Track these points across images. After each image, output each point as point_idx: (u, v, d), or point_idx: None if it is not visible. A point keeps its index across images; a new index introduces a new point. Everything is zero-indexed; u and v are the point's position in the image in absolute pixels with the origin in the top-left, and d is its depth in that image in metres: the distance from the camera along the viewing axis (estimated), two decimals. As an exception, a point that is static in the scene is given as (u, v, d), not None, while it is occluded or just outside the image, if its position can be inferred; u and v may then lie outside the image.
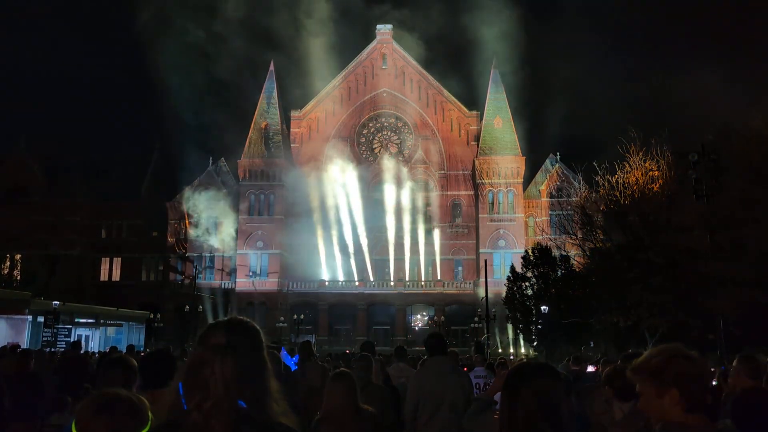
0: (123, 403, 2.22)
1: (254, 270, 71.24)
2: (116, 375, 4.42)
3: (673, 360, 2.53)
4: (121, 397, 2.24)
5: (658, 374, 2.53)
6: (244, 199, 72.47)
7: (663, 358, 2.55)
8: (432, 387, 6.66)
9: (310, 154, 76.79)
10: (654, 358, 2.58)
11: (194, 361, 2.15)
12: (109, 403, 2.21)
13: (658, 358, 2.56)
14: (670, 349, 2.59)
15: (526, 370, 2.68)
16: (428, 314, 70.12)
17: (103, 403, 2.21)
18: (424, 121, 77.46)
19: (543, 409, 2.52)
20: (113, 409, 2.19)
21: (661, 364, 2.53)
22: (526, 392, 2.55)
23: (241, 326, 2.27)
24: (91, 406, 2.20)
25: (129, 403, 2.23)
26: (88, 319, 42.64)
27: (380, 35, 79.67)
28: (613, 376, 4.93)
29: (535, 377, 2.60)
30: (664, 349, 2.61)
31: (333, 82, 78.73)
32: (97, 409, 2.19)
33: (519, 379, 2.63)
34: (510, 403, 2.59)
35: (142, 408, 2.24)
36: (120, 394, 2.25)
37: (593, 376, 10.68)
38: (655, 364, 2.55)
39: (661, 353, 2.58)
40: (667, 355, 2.56)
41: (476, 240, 72.06)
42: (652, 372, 2.54)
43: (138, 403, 2.25)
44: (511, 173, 71.48)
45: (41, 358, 14.38)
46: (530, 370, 2.67)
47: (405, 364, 11.30)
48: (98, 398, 2.23)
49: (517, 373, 2.68)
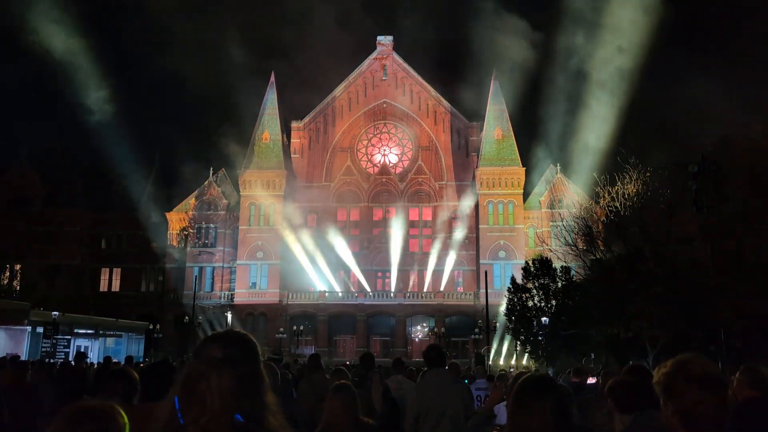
0: (96, 415, 2.21)
1: (254, 281, 71.14)
2: (117, 387, 4.41)
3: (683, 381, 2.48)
4: (95, 408, 2.22)
5: (666, 387, 2.51)
6: (244, 210, 72.45)
7: (676, 375, 2.51)
8: (433, 399, 6.62)
9: (310, 164, 76.93)
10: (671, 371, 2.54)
11: (190, 375, 2.13)
12: (82, 415, 2.21)
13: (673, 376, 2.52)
14: (689, 370, 2.52)
15: (539, 385, 2.65)
16: (428, 325, 69.94)
17: (76, 415, 2.21)
18: (425, 132, 77.62)
19: (558, 425, 2.50)
20: (86, 421, 2.18)
21: (671, 381, 2.51)
22: (541, 408, 2.52)
23: (237, 339, 2.25)
24: (64, 419, 2.19)
25: (102, 415, 2.22)
26: (88, 330, 42.56)
27: (381, 46, 79.97)
28: (614, 388, 4.91)
29: (549, 393, 2.58)
30: (684, 366, 2.54)
31: (333, 93, 78.97)
32: (69, 422, 2.18)
33: (532, 395, 2.60)
34: (522, 418, 2.55)
35: (116, 420, 2.23)
36: (94, 407, 2.23)
37: (594, 388, 10.62)
38: (666, 377, 2.53)
39: (678, 370, 2.53)
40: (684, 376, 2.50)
41: (476, 251, 72.01)
42: (658, 383, 2.53)
43: (111, 414, 2.24)
44: (512, 184, 71.52)
45: (39, 369, 14.31)
46: (544, 386, 2.64)
47: (403, 376, 11.25)
48: (72, 410, 2.23)
49: (529, 388, 2.65)
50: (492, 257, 69.33)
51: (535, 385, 2.65)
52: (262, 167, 72.69)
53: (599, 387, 8.75)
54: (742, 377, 5.26)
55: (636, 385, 4.50)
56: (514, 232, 70.71)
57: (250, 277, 71.16)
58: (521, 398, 2.61)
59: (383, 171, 76.46)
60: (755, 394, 5.05)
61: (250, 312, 69.09)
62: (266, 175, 72.37)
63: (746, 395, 5.12)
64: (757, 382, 5.12)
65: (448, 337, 65.95)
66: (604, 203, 39.64)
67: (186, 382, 2.12)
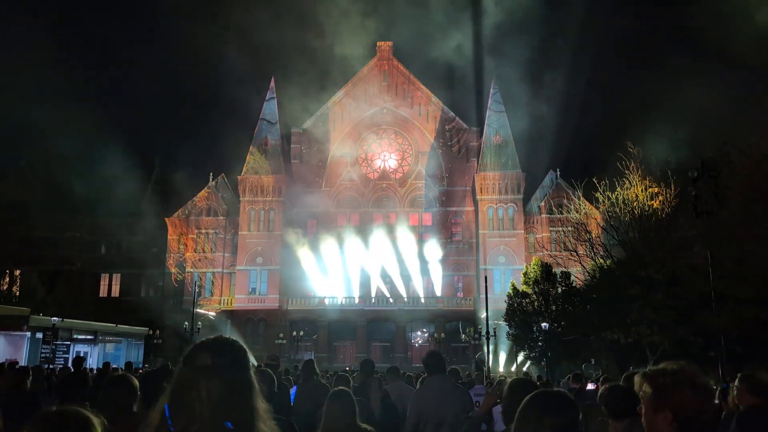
0: (70, 421, 2.23)
1: (254, 286, 71.09)
2: (117, 394, 4.41)
3: (678, 387, 2.50)
4: (69, 413, 2.23)
5: (660, 393, 2.51)
6: (244, 215, 72.43)
7: (673, 381, 2.52)
8: (433, 405, 6.62)
9: (310, 169, 76.95)
10: (662, 378, 2.55)
11: (180, 382, 2.14)
12: (55, 421, 2.22)
13: (669, 378, 2.54)
14: (680, 374, 2.55)
15: (551, 401, 2.63)
16: (428, 331, 69.82)
17: (49, 420, 2.22)
18: (424, 137, 77.68)
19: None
20: (59, 426, 2.20)
21: (666, 387, 2.51)
22: (552, 423, 2.52)
23: (226, 346, 2.25)
24: (37, 424, 2.21)
25: (76, 420, 2.23)
26: (87, 336, 42.47)
27: (381, 51, 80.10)
28: (606, 395, 4.87)
29: (562, 408, 2.56)
30: (676, 371, 2.57)
31: (333, 98, 79.02)
32: (43, 427, 2.20)
33: (543, 409, 2.58)
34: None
35: (90, 426, 2.24)
36: (67, 412, 2.25)
37: (593, 393, 10.62)
38: (664, 383, 2.53)
39: (671, 376, 2.55)
40: (674, 379, 2.53)
41: (476, 256, 71.97)
42: (658, 388, 2.53)
43: (86, 420, 2.25)
44: (511, 189, 71.53)
45: (39, 375, 14.28)
46: (555, 401, 2.62)
47: (403, 382, 11.25)
48: (46, 416, 2.25)
49: (540, 402, 2.63)
50: (492, 262, 69.28)
51: (541, 404, 2.63)
52: (261, 173, 72.73)
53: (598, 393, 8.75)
54: (742, 384, 5.29)
55: (630, 392, 4.49)
56: (514, 237, 70.68)
57: (249, 283, 71.10)
58: (532, 413, 2.60)
59: (383, 176, 76.47)
60: (757, 401, 5.07)
61: (249, 318, 68.99)
62: (266, 180, 72.41)
63: (748, 402, 5.18)
64: (756, 389, 5.14)
65: (448, 343, 65.87)
66: (604, 209, 39.67)
67: (175, 390, 2.13)
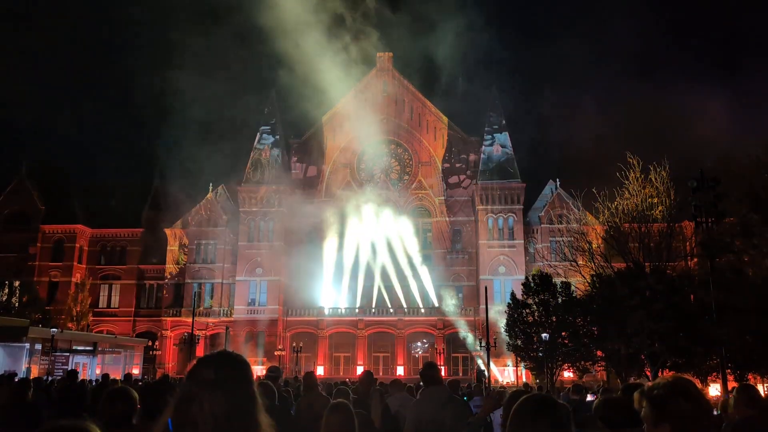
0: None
1: (253, 297, 70.92)
2: (117, 406, 4.40)
3: (675, 398, 2.52)
4: (73, 428, 2.24)
5: (657, 405, 2.53)
6: (244, 226, 72.40)
7: (667, 392, 2.54)
8: (431, 417, 6.62)
9: (310, 180, 77.01)
10: (658, 389, 2.57)
11: (183, 397, 2.15)
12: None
13: (663, 390, 2.55)
14: (677, 384, 2.57)
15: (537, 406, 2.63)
16: (429, 341, 69.68)
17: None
18: (424, 147, 77.79)
19: None
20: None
21: (663, 398, 2.53)
22: (548, 421, 2.52)
23: (229, 360, 2.27)
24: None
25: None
26: (87, 347, 42.38)
27: (380, 62, 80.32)
28: (600, 407, 4.85)
29: (547, 414, 2.57)
30: (672, 383, 2.59)
31: (333, 109, 79.11)
32: None
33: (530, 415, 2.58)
34: None
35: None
36: (72, 426, 2.25)
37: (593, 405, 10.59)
38: (658, 395, 2.55)
39: (667, 387, 2.56)
40: (671, 390, 2.54)
41: (476, 266, 71.90)
42: (653, 401, 2.55)
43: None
44: (511, 199, 71.52)
45: (38, 386, 14.25)
46: (541, 406, 2.63)
47: (407, 393, 11.24)
48: (50, 430, 2.25)
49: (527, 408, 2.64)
50: (492, 272, 69.19)
51: (532, 405, 2.63)
52: (261, 183, 72.76)
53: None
54: (739, 396, 5.38)
55: (624, 403, 4.48)
56: (514, 247, 70.60)
57: (249, 294, 70.94)
58: (520, 419, 2.62)
59: (383, 186, 76.51)
60: (751, 413, 5.15)
61: (249, 328, 68.78)
62: (266, 190, 72.41)
63: (744, 414, 5.27)
64: (752, 401, 5.22)
65: (448, 353, 65.70)
66: (604, 219, 39.71)
67: (179, 404, 2.14)
